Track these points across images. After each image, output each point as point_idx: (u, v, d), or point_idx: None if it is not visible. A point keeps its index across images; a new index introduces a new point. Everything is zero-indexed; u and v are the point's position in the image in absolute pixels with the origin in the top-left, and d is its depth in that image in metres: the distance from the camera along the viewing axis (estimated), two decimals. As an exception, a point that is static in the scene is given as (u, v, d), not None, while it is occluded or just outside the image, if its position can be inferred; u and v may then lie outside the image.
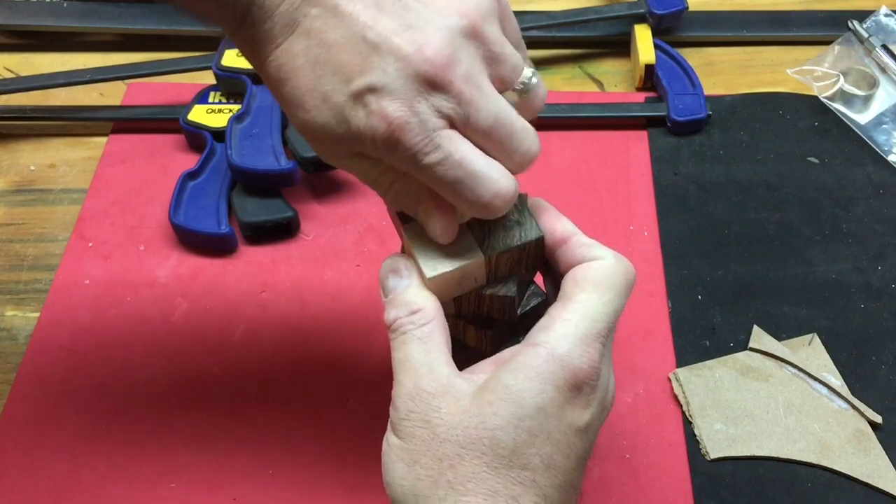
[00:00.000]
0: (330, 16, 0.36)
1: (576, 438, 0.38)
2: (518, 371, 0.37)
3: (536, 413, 0.37)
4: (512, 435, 0.36)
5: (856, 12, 0.76)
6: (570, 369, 0.37)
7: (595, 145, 0.71)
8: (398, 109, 0.36)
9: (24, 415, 0.57)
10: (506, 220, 0.41)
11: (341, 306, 0.62)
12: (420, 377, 0.39)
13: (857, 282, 0.62)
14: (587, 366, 0.38)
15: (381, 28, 0.36)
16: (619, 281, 0.40)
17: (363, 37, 0.36)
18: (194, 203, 0.64)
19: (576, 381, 0.37)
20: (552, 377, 0.37)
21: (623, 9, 0.76)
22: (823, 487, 0.53)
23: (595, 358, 0.38)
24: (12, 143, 0.73)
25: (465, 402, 0.38)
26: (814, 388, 0.57)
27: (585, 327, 0.38)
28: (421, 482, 0.37)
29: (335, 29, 0.36)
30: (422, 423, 0.38)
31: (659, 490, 0.53)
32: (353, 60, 0.36)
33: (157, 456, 0.55)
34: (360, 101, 0.36)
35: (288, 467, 0.55)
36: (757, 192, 0.67)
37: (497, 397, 0.37)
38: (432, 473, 0.37)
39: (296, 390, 0.58)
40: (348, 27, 0.36)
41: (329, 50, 0.36)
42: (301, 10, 0.37)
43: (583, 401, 0.38)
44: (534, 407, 0.37)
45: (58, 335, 0.60)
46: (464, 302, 0.43)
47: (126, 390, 0.58)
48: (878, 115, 0.71)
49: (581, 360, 0.38)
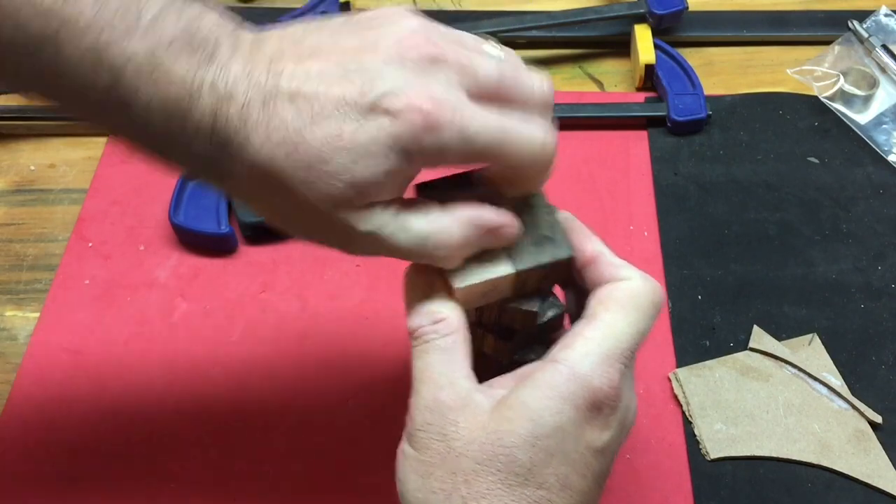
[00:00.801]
0: (300, 73, 0.36)
1: (593, 459, 0.37)
2: (537, 389, 0.37)
3: (554, 432, 0.36)
4: (529, 453, 0.36)
5: (856, 12, 0.76)
6: (589, 389, 0.37)
7: (595, 145, 0.71)
8: (419, 94, 0.35)
9: (24, 415, 0.57)
10: (538, 235, 0.41)
11: (341, 306, 0.62)
12: (439, 389, 0.38)
13: (857, 282, 0.62)
14: (607, 386, 0.37)
15: (352, 54, 0.36)
16: (646, 302, 0.40)
17: (344, 68, 0.36)
18: (194, 203, 0.64)
19: (595, 401, 0.37)
20: (572, 397, 0.37)
21: (623, 9, 0.76)
22: (823, 487, 0.53)
23: (615, 378, 0.37)
24: (12, 143, 0.73)
25: (483, 418, 0.37)
26: (814, 388, 0.57)
27: (608, 347, 0.38)
28: (434, 495, 0.37)
29: (313, 79, 0.36)
30: (438, 435, 0.37)
31: (659, 490, 0.53)
32: (350, 88, 0.35)
33: (156, 456, 0.55)
34: (379, 110, 0.35)
35: (288, 467, 0.55)
36: (757, 192, 0.67)
37: (515, 415, 0.37)
38: (446, 487, 0.37)
39: (296, 390, 0.58)
40: (324, 71, 0.36)
41: (318, 98, 0.35)
42: (270, 80, 0.36)
43: (602, 421, 0.38)
44: (552, 426, 0.36)
45: (58, 335, 0.60)
46: (486, 312, 0.43)
47: (126, 390, 0.58)
48: (878, 115, 0.71)
49: (601, 380, 0.37)
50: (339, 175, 0.35)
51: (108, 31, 0.35)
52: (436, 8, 0.81)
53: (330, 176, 0.36)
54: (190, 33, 0.36)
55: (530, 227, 0.41)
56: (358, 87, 0.35)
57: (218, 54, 0.36)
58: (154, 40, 0.35)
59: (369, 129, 0.35)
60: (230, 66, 0.36)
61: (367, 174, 0.36)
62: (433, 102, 0.35)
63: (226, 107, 0.35)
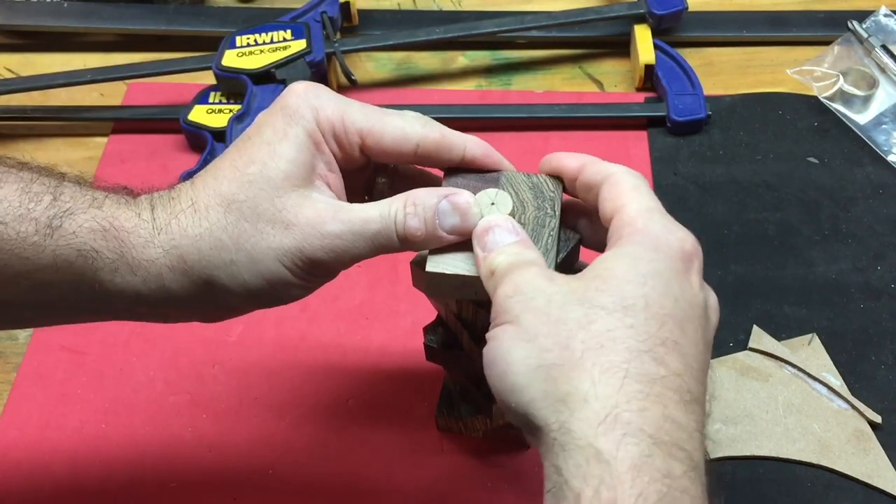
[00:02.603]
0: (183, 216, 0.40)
1: (699, 312, 0.36)
2: (624, 248, 0.36)
3: (659, 273, 0.35)
4: (640, 291, 0.34)
5: (856, 12, 0.76)
6: (674, 242, 0.36)
7: (595, 145, 0.71)
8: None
9: (24, 415, 0.57)
10: None
11: (341, 306, 0.62)
12: (526, 270, 0.37)
13: (856, 282, 0.62)
14: (687, 237, 0.37)
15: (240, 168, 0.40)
16: (641, 182, 0.39)
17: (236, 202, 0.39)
18: (194, 203, 0.64)
19: (684, 252, 0.36)
20: (664, 247, 0.36)
21: (623, 9, 0.76)
22: (823, 487, 0.53)
23: (688, 233, 0.37)
24: (12, 143, 0.73)
25: (574, 283, 0.35)
26: (813, 388, 0.57)
27: (658, 212, 0.38)
28: (549, 353, 0.33)
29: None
30: (535, 291, 0.35)
31: (659, 490, 0.53)
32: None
33: (157, 456, 0.55)
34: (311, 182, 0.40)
35: (288, 467, 0.55)
36: (757, 192, 0.67)
37: (616, 262, 0.35)
38: (560, 340, 0.33)
39: (295, 390, 0.58)
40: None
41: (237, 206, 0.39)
42: (182, 205, 0.40)
43: (696, 277, 0.36)
44: (654, 270, 0.35)
45: (58, 335, 0.60)
46: (463, 307, 0.43)
47: (126, 390, 0.58)
48: (878, 115, 0.71)
49: (680, 232, 0.37)
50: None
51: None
52: (436, 8, 0.82)
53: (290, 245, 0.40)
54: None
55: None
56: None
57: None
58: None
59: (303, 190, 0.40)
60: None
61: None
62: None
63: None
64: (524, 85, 0.76)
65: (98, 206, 0.39)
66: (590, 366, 0.32)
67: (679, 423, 0.32)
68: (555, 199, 0.42)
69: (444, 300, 0.45)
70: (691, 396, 0.33)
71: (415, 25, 0.76)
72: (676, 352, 0.33)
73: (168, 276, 0.39)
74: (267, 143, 0.40)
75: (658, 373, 0.33)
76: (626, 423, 0.31)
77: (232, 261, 0.39)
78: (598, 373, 0.32)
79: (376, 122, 0.41)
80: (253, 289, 0.39)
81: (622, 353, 0.33)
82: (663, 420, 0.32)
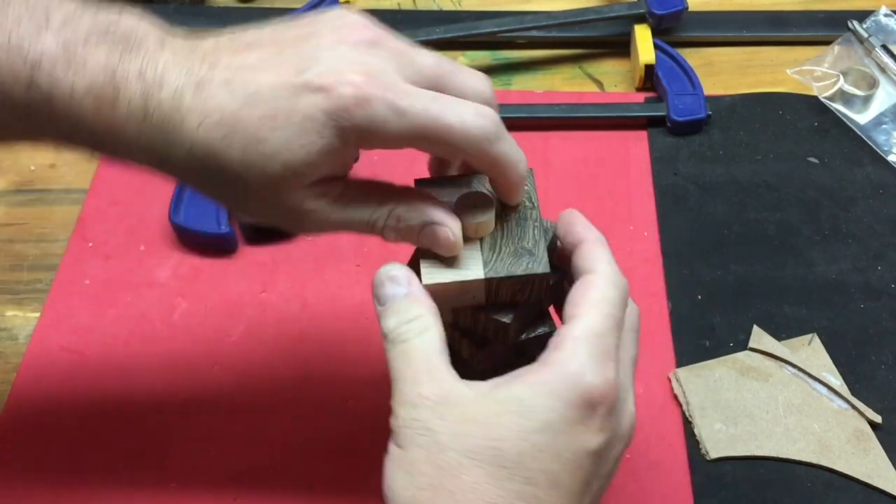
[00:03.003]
0: (237, 59, 0.36)
1: (587, 460, 0.37)
2: (529, 386, 0.37)
3: (545, 428, 0.36)
4: (517, 447, 0.35)
5: (856, 12, 0.76)
6: (583, 386, 0.36)
7: (595, 145, 0.71)
8: (352, 68, 0.36)
9: (24, 415, 0.57)
10: (519, 246, 0.41)
11: (341, 306, 0.62)
12: (421, 384, 0.37)
13: (856, 282, 0.62)
14: (601, 383, 0.37)
15: (292, 43, 0.36)
16: (614, 294, 0.39)
17: (280, 53, 0.36)
18: (194, 203, 0.64)
19: (590, 399, 0.36)
20: (564, 394, 0.36)
21: (623, 9, 0.76)
22: (823, 487, 0.53)
23: (611, 376, 0.37)
24: (12, 143, 0.73)
25: (470, 410, 0.36)
26: (814, 387, 0.57)
27: (595, 344, 0.37)
28: (422, 492, 0.36)
29: (248, 62, 0.36)
30: (424, 430, 0.36)
31: (659, 490, 0.53)
32: (286, 69, 0.36)
33: (157, 456, 0.55)
34: (313, 88, 0.35)
35: (288, 467, 0.55)
36: (757, 192, 0.67)
37: (505, 409, 0.36)
38: (433, 482, 0.36)
39: (296, 390, 0.58)
40: (261, 56, 0.36)
41: (256, 79, 0.36)
42: (203, 69, 0.36)
43: (597, 422, 0.37)
44: (543, 422, 0.36)
45: (58, 335, 0.60)
46: (461, 315, 0.43)
47: (126, 390, 0.58)
48: (878, 115, 0.71)
49: (595, 377, 0.36)
50: (276, 156, 0.36)
51: (16, 32, 0.35)
52: (436, 8, 0.82)
53: (267, 157, 0.36)
54: (107, 30, 0.36)
55: (515, 238, 0.41)
56: (293, 69, 0.36)
57: (144, 46, 0.36)
58: (67, 36, 0.36)
59: (303, 107, 0.36)
60: (158, 57, 0.36)
61: (302, 154, 0.36)
62: (365, 76, 0.36)
63: (156, 92, 0.36)
64: (524, 85, 0.76)
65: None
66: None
67: None
68: (531, 192, 0.42)
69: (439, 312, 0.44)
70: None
71: (415, 25, 0.76)
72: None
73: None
74: (296, 127, 0.36)
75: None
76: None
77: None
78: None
79: (435, 128, 0.37)
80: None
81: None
82: None
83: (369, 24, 0.38)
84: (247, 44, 0.37)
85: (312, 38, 0.37)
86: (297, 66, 0.36)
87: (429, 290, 0.40)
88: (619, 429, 0.38)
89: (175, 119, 0.36)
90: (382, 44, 0.37)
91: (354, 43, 0.37)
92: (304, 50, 0.37)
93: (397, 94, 0.36)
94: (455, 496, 0.35)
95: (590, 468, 0.37)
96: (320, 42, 0.37)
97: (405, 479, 0.36)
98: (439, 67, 0.39)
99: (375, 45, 0.37)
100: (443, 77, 0.38)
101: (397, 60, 0.37)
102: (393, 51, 0.37)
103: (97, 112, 0.36)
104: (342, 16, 0.38)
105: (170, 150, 0.37)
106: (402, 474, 0.37)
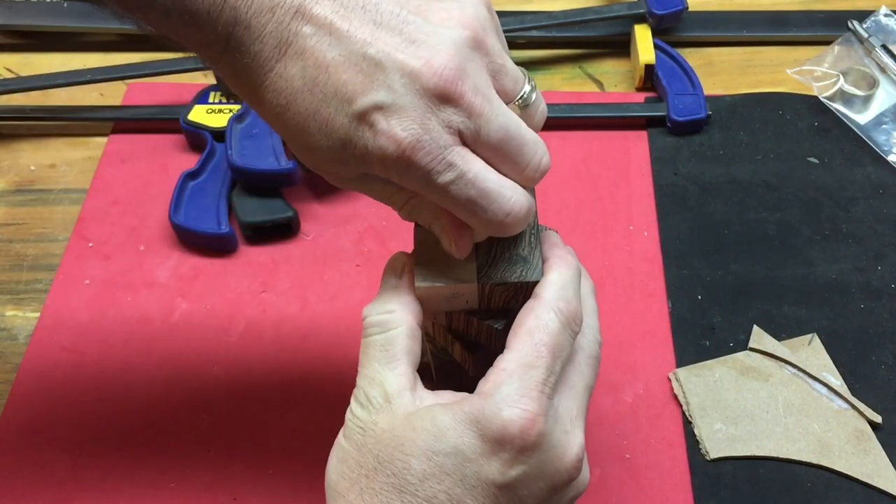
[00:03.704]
0: (324, 33, 0.35)
1: (496, 492, 0.37)
2: (449, 409, 0.37)
3: (453, 452, 0.36)
4: (424, 465, 0.36)
5: (856, 12, 0.76)
6: (499, 420, 0.36)
7: (595, 145, 0.71)
8: (408, 128, 0.35)
9: (24, 415, 0.57)
10: (514, 253, 0.41)
11: (341, 306, 0.62)
12: (372, 385, 0.39)
13: (857, 282, 0.62)
14: (518, 417, 0.36)
15: (381, 44, 0.35)
16: (551, 322, 0.38)
17: (363, 54, 0.35)
18: (194, 203, 0.64)
19: (502, 433, 0.36)
20: (477, 425, 0.36)
21: (623, 9, 0.76)
22: (823, 487, 0.53)
23: (532, 410, 0.36)
24: (12, 143, 0.73)
25: (397, 421, 0.38)
26: (814, 388, 0.57)
27: (520, 377, 0.37)
28: (343, 481, 0.38)
29: (332, 48, 0.35)
30: (359, 429, 0.38)
31: (659, 490, 0.53)
32: (355, 79, 0.35)
33: (157, 456, 0.55)
34: (366, 121, 0.35)
35: (288, 467, 0.55)
36: (757, 192, 0.67)
37: (422, 426, 0.37)
38: (353, 476, 0.38)
39: (296, 390, 0.58)
40: (346, 45, 0.35)
41: (327, 71, 0.35)
42: (292, 28, 0.35)
43: (508, 455, 0.36)
44: (451, 446, 0.36)
45: (58, 335, 0.60)
46: (454, 318, 0.43)
47: (126, 390, 0.58)
48: (878, 115, 0.71)
49: (512, 411, 0.36)
50: (317, 147, 0.37)
51: None
52: (436, 8, 0.81)
53: (308, 142, 0.37)
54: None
55: (511, 244, 0.41)
56: (361, 84, 0.35)
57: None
58: None
59: (349, 132, 0.35)
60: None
61: (339, 161, 0.37)
62: (417, 142, 0.35)
63: (241, 33, 0.36)
64: (524, 85, 0.75)
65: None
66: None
67: None
68: None
69: (432, 317, 0.44)
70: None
71: (415, 25, 0.76)
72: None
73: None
74: None
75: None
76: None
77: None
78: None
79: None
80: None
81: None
82: None
83: (465, 56, 0.36)
84: (348, 5, 0.36)
85: (403, 49, 0.35)
86: (364, 84, 0.35)
87: (421, 294, 0.40)
88: (547, 464, 0.37)
89: (248, 66, 0.36)
90: (457, 100, 0.35)
91: (429, 90, 0.35)
92: (384, 62, 0.35)
93: (439, 168, 0.35)
94: (363, 495, 0.37)
95: (503, 499, 0.37)
96: (407, 61, 0.35)
97: (336, 466, 0.39)
98: (502, 145, 0.37)
99: (449, 101, 0.35)
100: (505, 151, 0.37)
101: (463, 121, 0.36)
102: (465, 110, 0.36)
103: (184, 28, 0.36)
104: (454, 21, 0.36)
105: (238, 76, 0.37)
106: (335, 461, 0.39)
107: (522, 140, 0.37)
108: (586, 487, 0.41)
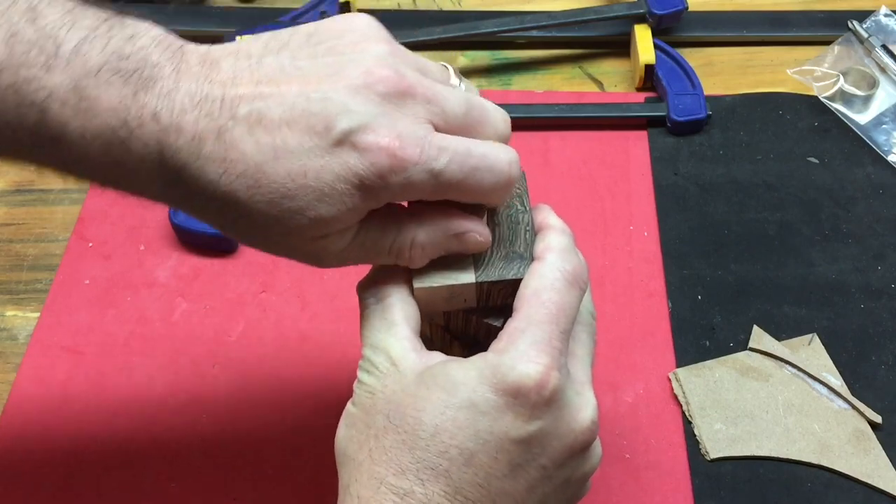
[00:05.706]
0: (259, 102, 0.35)
1: (511, 447, 0.36)
2: (464, 368, 0.37)
3: (466, 406, 0.36)
4: (436, 420, 0.36)
5: (856, 12, 0.76)
6: (514, 374, 0.36)
7: (595, 145, 0.71)
8: (387, 134, 0.35)
9: (23, 415, 0.57)
10: (511, 250, 0.41)
11: (341, 306, 0.62)
12: (376, 352, 0.39)
13: (857, 282, 0.62)
14: (534, 371, 0.36)
15: (317, 84, 0.35)
16: (555, 279, 0.39)
17: (307, 98, 0.35)
18: (194, 203, 0.64)
19: (519, 386, 0.36)
20: (492, 379, 0.36)
21: (623, 9, 0.76)
22: (823, 487, 0.53)
23: (546, 364, 0.36)
24: (12, 143, 0.73)
25: (407, 380, 0.38)
26: (814, 388, 0.57)
27: (531, 333, 0.37)
28: (352, 444, 0.38)
29: (272, 109, 0.35)
30: (367, 393, 0.38)
31: (659, 490, 0.53)
32: (314, 121, 0.35)
33: (156, 456, 0.55)
34: (345, 146, 0.35)
35: (288, 467, 0.55)
36: (757, 192, 0.67)
37: (435, 383, 0.37)
38: (361, 438, 0.38)
39: (296, 390, 0.58)
40: (287, 102, 0.35)
41: (281, 130, 0.35)
42: (224, 112, 0.35)
43: (525, 410, 0.36)
44: (466, 400, 0.36)
45: (58, 335, 0.60)
46: (452, 318, 0.43)
47: (126, 390, 0.58)
48: (878, 115, 0.71)
49: (527, 365, 0.36)
50: (304, 211, 0.36)
51: (26, 69, 0.34)
52: (436, 8, 0.81)
53: (294, 212, 0.36)
54: (120, 58, 0.35)
55: (507, 242, 0.41)
56: (323, 121, 0.35)
57: (159, 79, 0.35)
58: (77, 71, 0.35)
59: (335, 167, 0.35)
60: (174, 93, 0.35)
61: (332, 212, 0.36)
62: (401, 141, 0.35)
63: (173, 138, 0.35)
64: (524, 85, 0.76)
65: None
66: (365, 469, 0.37)
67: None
68: (523, 195, 0.42)
69: (430, 316, 0.44)
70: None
71: (415, 25, 0.76)
72: (443, 479, 0.36)
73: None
74: (312, 188, 0.35)
75: (411, 490, 0.36)
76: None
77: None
78: (366, 478, 0.37)
79: (467, 184, 0.37)
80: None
81: (390, 467, 0.36)
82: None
83: (397, 64, 0.37)
84: (269, 75, 0.36)
85: (339, 79, 0.36)
86: (325, 119, 0.35)
87: (420, 295, 0.40)
88: (562, 421, 0.38)
89: (194, 166, 0.35)
90: (412, 93, 0.36)
91: (384, 93, 0.35)
92: (331, 95, 0.35)
93: (431, 154, 0.36)
94: (373, 454, 0.37)
95: (516, 455, 0.37)
96: (347, 85, 0.35)
97: (345, 431, 0.39)
98: (468, 111, 0.38)
99: (405, 96, 0.36)
100: (471, 120, 0.38)
101: (427, 111, 0.37)
102: (422, 100, 0.36)
103: (108, 154, 0.35)
104: (367, 48, 0.37)
105: (187, 193, 0.36)
106: (344, 427, 0.39)
107: (481, 104, 0.39)
108: (599, 463, 0.41)
